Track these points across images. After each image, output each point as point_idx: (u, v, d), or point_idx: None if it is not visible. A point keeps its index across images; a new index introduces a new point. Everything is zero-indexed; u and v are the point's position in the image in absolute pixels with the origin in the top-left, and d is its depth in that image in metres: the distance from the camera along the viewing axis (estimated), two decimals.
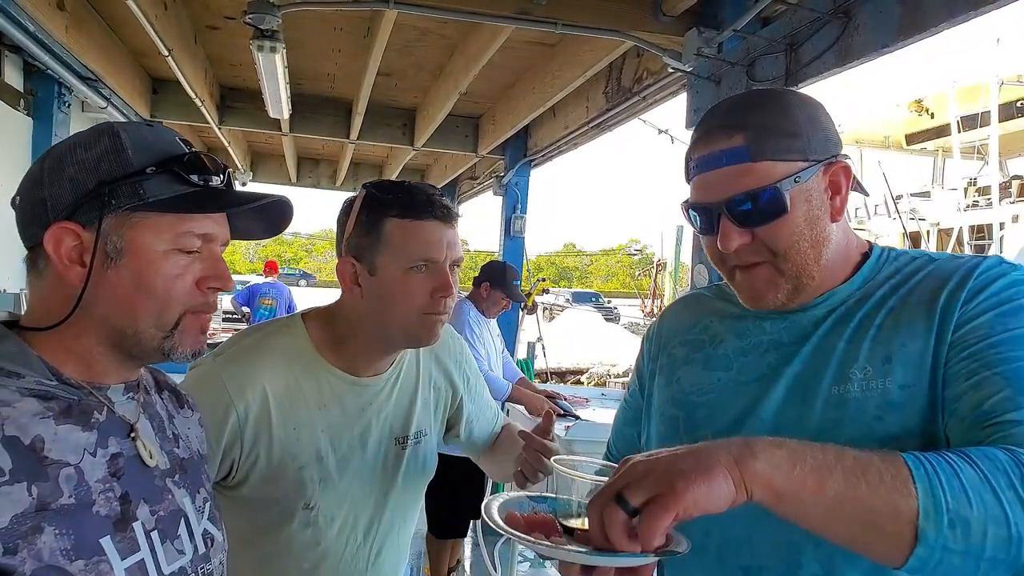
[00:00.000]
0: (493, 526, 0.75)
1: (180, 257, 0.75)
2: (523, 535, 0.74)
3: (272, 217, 0.86)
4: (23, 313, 0.78)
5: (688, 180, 0.91)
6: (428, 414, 1.29)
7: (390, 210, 1.12)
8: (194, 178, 0.75)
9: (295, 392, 1.14)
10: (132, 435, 0.76)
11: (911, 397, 0.79)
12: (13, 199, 0.77)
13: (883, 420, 0.80)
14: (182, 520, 0.79)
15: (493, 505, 0.79)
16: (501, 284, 3.59)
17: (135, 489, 0.73)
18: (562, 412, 3.38)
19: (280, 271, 8.27)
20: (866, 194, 1.11)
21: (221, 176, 0.78)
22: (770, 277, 0.87)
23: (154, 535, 0.74)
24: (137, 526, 0.72)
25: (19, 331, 0.74)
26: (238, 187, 0.86)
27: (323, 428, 1.15)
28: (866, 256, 0.91)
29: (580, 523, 0.76)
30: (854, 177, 0.90)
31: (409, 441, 1.25)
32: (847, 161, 0.88)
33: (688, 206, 0.91)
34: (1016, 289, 0.79)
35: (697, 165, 0.88)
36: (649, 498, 0.63)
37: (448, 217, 1.14)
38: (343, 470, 1.17)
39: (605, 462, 0.93)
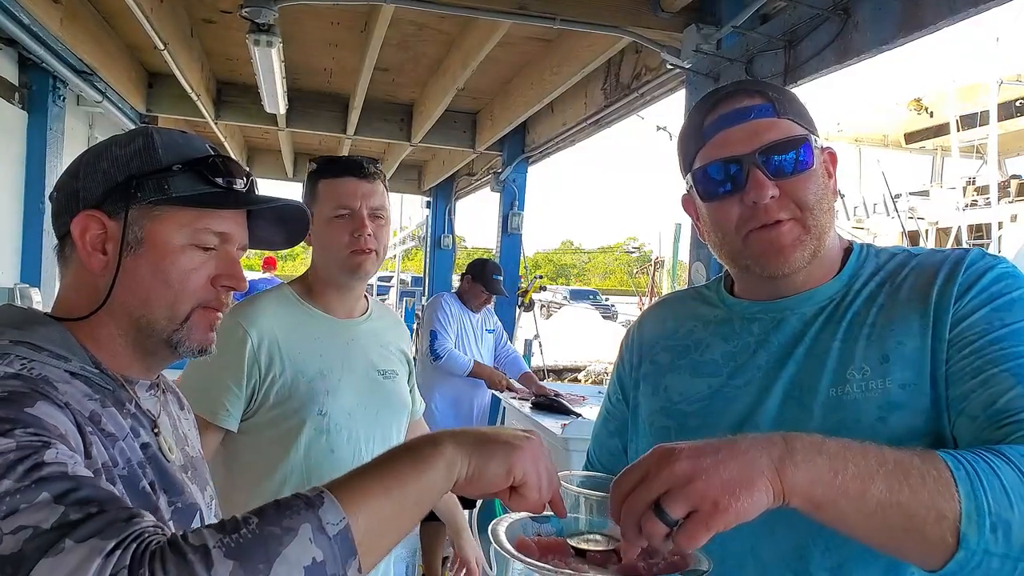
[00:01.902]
0: (506, 555, 0.73)
1: (196, 253, 0.79)
2: (540, 563, 0.72)
3: (292, 227, 0.90)
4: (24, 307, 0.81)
5: (700, 145, 0.88)
6: (393, 362, 1.56)
7: (321, 175, 1.45)
8: (218, 180, 0.79)
9: (293, 326, 1.43)
10: (155, 430, 0.81)
11: (913, 396, 0.78)
12: (51, 193, 0.82)
13: (886, 421, 0.78)
14: (197, 514, 0.82)
15: (500, 531, 0.77)
16: (480, 278, 3.86)
17: (159, 479, 0.77)
18: (533, 396, 3.63)
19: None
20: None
21: (244, 180, 0.82)
22: (797, 235, 0.84)
23: (171, 525, 0.77)
24: (162, 514, 0.76)
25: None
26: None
27: (320, 354, 1.43)
28: (848, 252, 0.91)
29: (591, 544, 0.76)
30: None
31: (387, 374, 1.52)
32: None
33: (707, 168, 0.87)
34: (1006, 283, 0.79)
35: (718, 121, 0.87)
36: (690, 511, 0.61)
37: (364, 175, 1.43)
38: (341, 386, 1.42)
39: (605, 475, 0.92)
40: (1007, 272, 0.80)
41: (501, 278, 3.96)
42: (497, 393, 3.90)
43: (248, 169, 0.84)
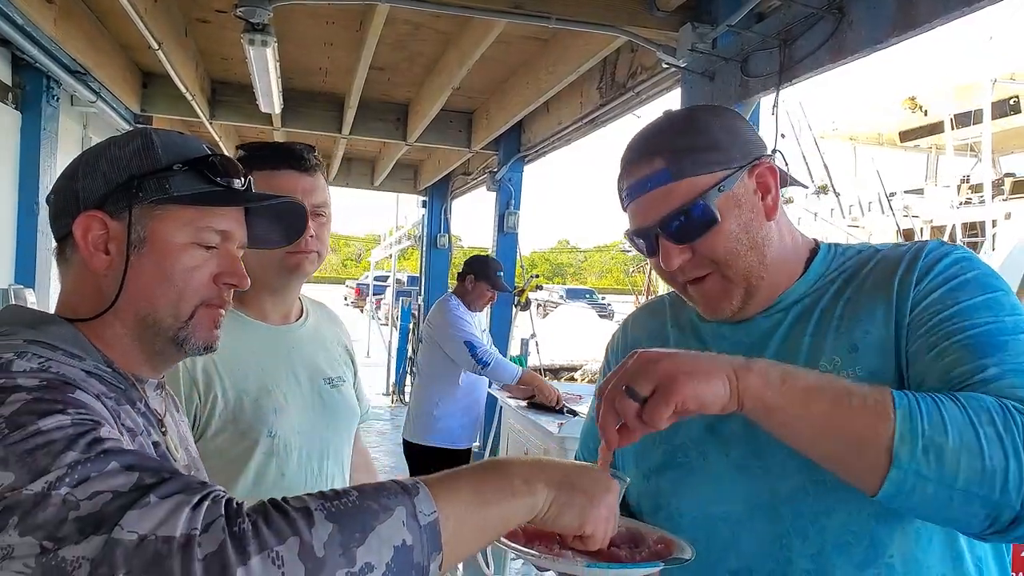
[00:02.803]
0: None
1: (198, 251, 0.80)
2: (525, 548, 0.74)
3: (289, 225, 0.91)
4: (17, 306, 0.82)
5: (624, 210, 0.94)
6: (339, 365, 1.43)
7: (253, 164, 1.24)
8: (218, 179, 0.80)
9: (227, 340, 1.26)
10: (163, 429, 0.82)
11: (881, 384, 0.80)
12: (48, 195, 0.83)
13: None
14: None
15: None
16: (485, 275, 3.65)
17: None
18: (569, 409, 3.43)
19: None
20: (804, 186, 1.14)
21: (242, 180, 0.83)
22: (721, 287, 0.89)
23: None
24: None
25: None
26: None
27: (262, 368, 1.29)
28: (814, 253, 0.93)
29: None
30: (786, 173, 0.93)
31: (335, 381, 1.39)
32: (771, 161, 0.90)
33: (630, 234, 0.93)
34: (960, 265, 0.82)
35: (627, 194, 0.91)
36: (654, 388, 0.70)
37: (303, 167, 1.28)
38: (289, 402, 1.29)
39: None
40: (963, 257, 0.84)
41: (503, 273, 3.89)
42: (499, 393, 3.85)
43: (246, 169, 0.85)
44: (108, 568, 0.52)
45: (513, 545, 0.74)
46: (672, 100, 3.16)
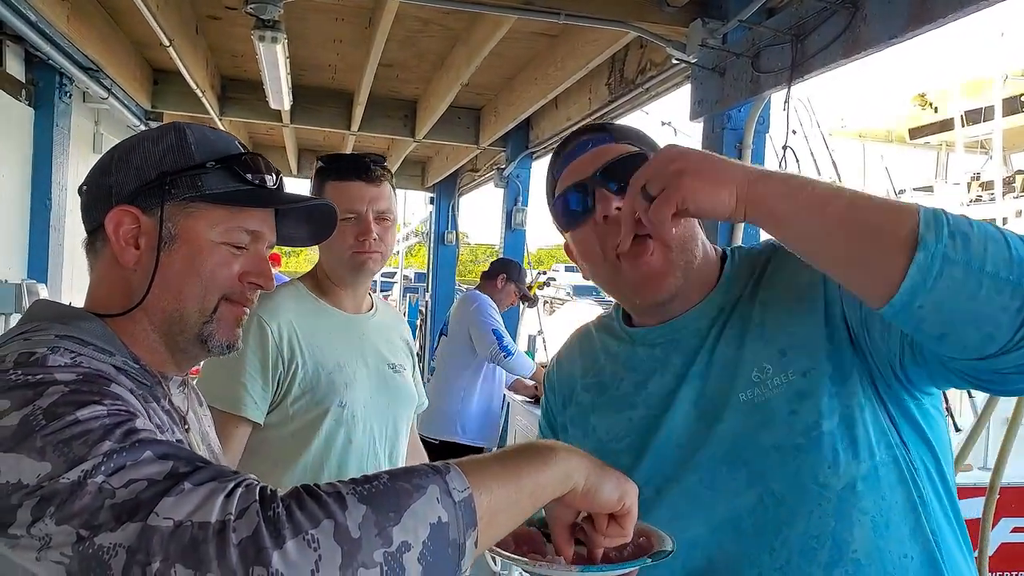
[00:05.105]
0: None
1: (228, 250, 0.80)
2: (513, 555, 0.74)
3: (318, 225, 0.91)
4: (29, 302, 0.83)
5: (555, 180, 0.95)
6: (401, 355, 1.63)
7: (328, 175, 1.49)
8: (249, 176, 0.80)
9: (309, 321, 1.48)
10: (185, 427, 0.82)
11: (816, 380, 0.81)
12: (80, 187, 0.83)
13: (798, 413, 0.81)
14: None
15: None
16: (517, 279, 3.84)
17: None
18: None
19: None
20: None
21: (274, 178, 0.83)
22: (663, 257, 0.87)
23: None
24: None
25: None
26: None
27: (336, 348, 1.49)
28: (724, 260, 0.95)
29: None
30: None
31: (396, 368, 1.59)
32: None
33: (561, 197, 0.93)
34: None
35: (567, 157, 0.94)
36: (663, 188, 0.71)
37: (371, 178, 1.47)
38: (357, 378, 1.48)
39: None
40: None
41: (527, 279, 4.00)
42: (506, 390, 3.88)
43: (278, 168, 0.85)
44: (145, 555, 0.52)
45: (504, 553, 0.73)
46: (682, 96, 3.15)
